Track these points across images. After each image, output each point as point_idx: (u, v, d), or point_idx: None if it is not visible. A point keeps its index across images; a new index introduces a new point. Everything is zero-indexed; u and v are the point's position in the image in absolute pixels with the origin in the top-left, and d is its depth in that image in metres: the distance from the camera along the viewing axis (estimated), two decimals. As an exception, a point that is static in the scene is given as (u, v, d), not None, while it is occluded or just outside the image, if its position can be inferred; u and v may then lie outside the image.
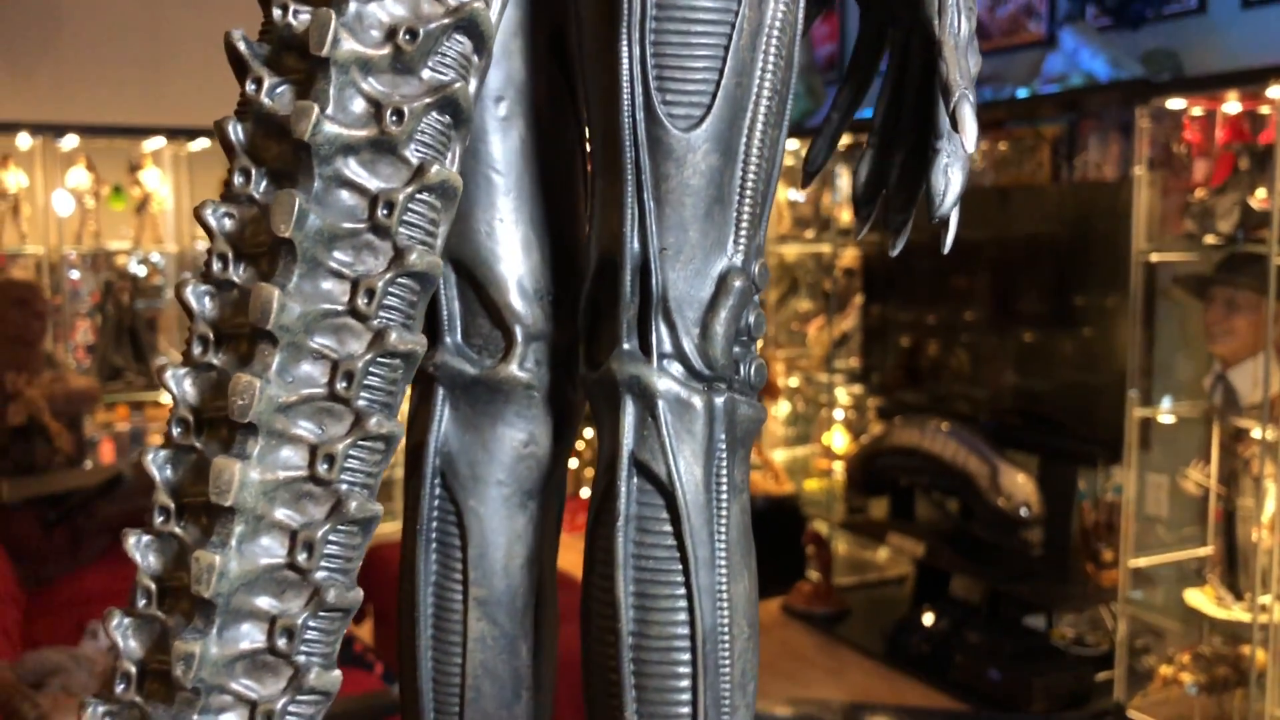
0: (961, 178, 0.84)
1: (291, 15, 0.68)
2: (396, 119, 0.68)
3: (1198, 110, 3.14)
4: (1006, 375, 3.76)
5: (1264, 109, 2.99)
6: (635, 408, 0.81)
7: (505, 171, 0.89)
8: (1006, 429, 3.67)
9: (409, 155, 0.69)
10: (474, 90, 0.72)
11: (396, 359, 0.70)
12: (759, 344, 0.86)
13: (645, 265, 0.80)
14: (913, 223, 0.94)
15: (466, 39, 0.72)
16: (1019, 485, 3.45)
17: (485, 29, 0.72)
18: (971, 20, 0.81)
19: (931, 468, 3.68)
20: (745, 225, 0.82)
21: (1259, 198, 2.88)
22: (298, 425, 0.68)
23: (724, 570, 0.82)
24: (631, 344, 0.81)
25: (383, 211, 0.68)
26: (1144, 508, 3.28)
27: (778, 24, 0.80)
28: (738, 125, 0.80)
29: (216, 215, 0.69)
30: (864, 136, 0.97)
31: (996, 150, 3.91)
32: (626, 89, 0.78)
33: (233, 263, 0.69)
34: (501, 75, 0.87)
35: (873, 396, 4.33)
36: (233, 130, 0.69)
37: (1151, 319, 3.20)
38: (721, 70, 0.78)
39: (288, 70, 0.69)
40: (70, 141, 4.41)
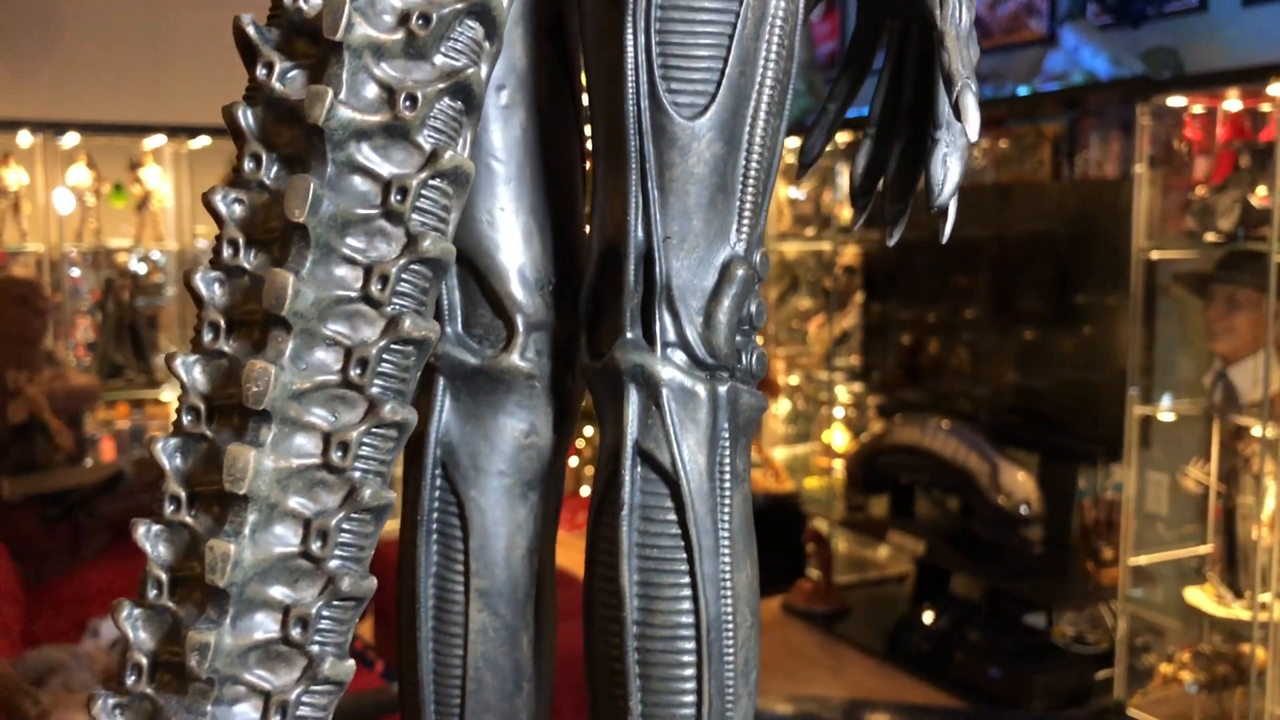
0: (960, 167, 0.84)
1: (303, 0, 0.68)
2: (409, 104, 0.68)
3: (1198, 108, 3.14)
4: (1007, 373, 3.75)
5: (1265, 107, 2.98)
6: (639, 397, 0.81)
7: (506, 160, 0.88)
8: (1007, 427, 3.67)
9: (422, 141, 0.69)
10: (485, 76, 0.72)
11: (410, 345, 0.69)
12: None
13: (649, 254, 0.80)
14: (911, 216, 0.94)
15: (478, 24, 0.71)
16: (1019, 483, 3.45)
17: (497, 14, 0.71)
18: (971, 11, 0.82)
19: (932, 466, 3.68)
20: (748, 214, 0.82)
21: (1259, 195, 2.88)
22: (311, 412, 0.67)
23: (727, 559, 0.82)
24: (635, 333, 0.81)
25: (396, 197, 0.68)
26: (1144, 506, 3.28)
27: (780, 13, 0.80)
28: (741, 114, 0.80)
29: (226, 201, 0.69)
30: (862, 132, 0.97)
31: (997, 148, 3.91)
32: (631, 77, 0.78)
33: (243, 249, 0.68)
34: (503, 64, 0.87)
35: (873, 394, 4.33)
36: (242, 115, 0.68)
37: (1152, 317, 3.20)
38: (726, 59, 0.78)
39: (299, 55, 0.68)
40: (71, 139, 4.40)
